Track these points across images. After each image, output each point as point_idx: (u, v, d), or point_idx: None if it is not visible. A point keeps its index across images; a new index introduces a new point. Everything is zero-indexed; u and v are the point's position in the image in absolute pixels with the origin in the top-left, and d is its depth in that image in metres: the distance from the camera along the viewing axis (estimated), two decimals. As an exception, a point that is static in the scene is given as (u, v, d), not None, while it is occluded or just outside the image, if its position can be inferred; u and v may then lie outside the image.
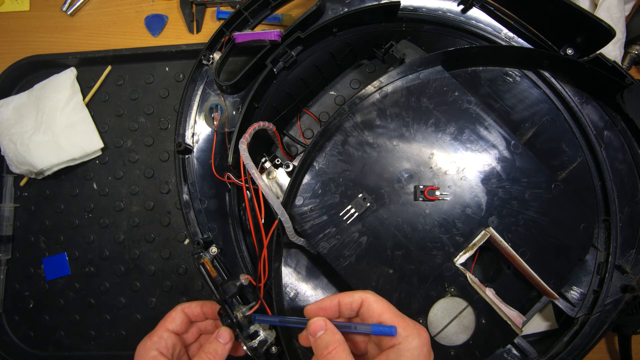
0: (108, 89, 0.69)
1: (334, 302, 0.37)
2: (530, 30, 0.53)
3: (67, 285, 0.67)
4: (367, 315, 0.36)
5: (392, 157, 0.47)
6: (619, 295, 0.49)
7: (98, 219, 0.67)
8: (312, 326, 0.36)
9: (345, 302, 0.37)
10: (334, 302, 0.37)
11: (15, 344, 0.66)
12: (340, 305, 0.37)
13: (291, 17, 0.66)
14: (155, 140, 0.67)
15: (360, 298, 0.36)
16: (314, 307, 0.38)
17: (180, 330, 0.43)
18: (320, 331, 0.35)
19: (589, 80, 0.50)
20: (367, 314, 0.36)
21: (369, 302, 0.36)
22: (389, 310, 0.35)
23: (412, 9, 0.54)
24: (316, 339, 0.35)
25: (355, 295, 0.36)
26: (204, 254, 0.47)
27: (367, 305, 0.36)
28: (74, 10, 0.71)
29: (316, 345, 0.35)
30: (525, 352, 0.49)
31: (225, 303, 0.43)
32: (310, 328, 0.36)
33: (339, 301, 0.37)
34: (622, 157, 0.51)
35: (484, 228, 0.46)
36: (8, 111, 0.66)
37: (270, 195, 0.42)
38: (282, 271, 0.53)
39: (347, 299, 0.37)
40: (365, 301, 0.36)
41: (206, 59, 0.54)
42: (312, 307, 0.38)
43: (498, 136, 0.47)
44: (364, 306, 0.36)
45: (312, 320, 0.36)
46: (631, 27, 0.59)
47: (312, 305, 0.38)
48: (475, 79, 0.53)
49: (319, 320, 0.36)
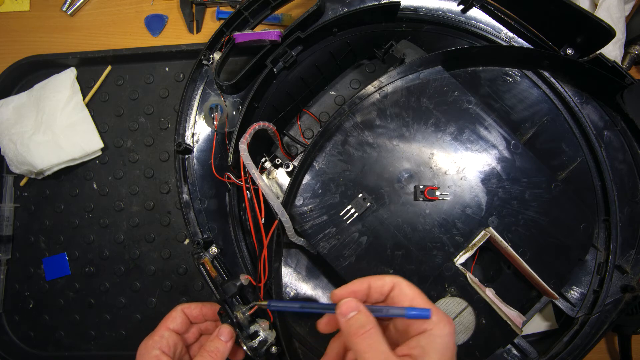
0: (108, 89, 0.69)
1: (364, 286, 0.36)
2: (530, 30, 0.53)
3: (67, 285, 0.67)
4: (398, 299, 0.35)
5: (392, 157, 0.47)
6: (619, 295, 0.49)
7: (98, 219, 0.67)
8: (343, 307, 0.34)
9: (376, 286, 0.35)
10: (364, 285, 0.36)
11: (15, 344, 0.66)
12: (370, 289, 0.36)
13: (291, 17, 0.66)
14: (155, 140, 0.67)
15: (392, 282, 0.35)
16: (343, 292, 0.36)
17: (181, 329, 0.43)
18: (352, 312, 0.34)
19: (589, 80, 0.50)
20: (398, 298, 0.35)
21: (401, 286, 0.35)
22: (421, 296, 0.34)
23: (412, 9, 0.54)
24: (348, 320, 0.34)
25: (386, 279, 0.35)
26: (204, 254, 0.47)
27: (398, 289, 0.35)
28: (74, 10, 0.71)
29: (348, 325, 0.33)
30: (525, 352, 0.49)
31: (225, 303, 0.43)
32: (341, 308, 0.34)
33: (369, 284, 0.35)
34: (622, 157, 0.51)
35: (484, 228, 0.46)
36: (8, 111, 0.66)
37: (270, 195, 0.42)
38: (282, 271, 0.53)
39: (378, 282, 0.35)
40: (397, 285, 0.35)
41: (206, 59, 0.54)
42: (340, 291, 0.36)
43: (498, 136, 0.47)
44: (395, 290, 0.35)
45: (344, 301, 0.34)
46: (631, 27, 0.59)
47: (342, 290, 0.36)
48: (475, 79, 0.53)
49: (351, 301, 0.34)
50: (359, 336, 0.32)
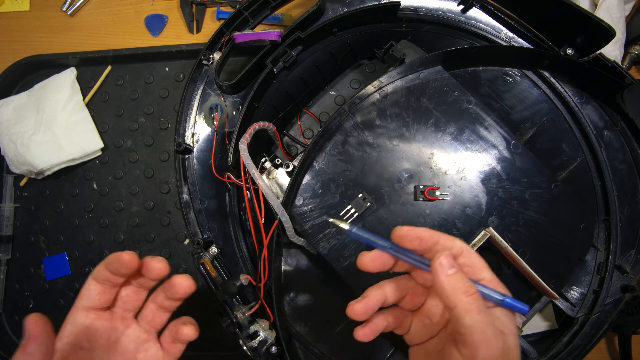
0: (108, 89, 0.69)
1: (434, 239, 0.32)
2: (530, 30, 0.53)
3: (67, 285, 0.67)
4: (466, 268, 0.32)
5: (392, 157, 0.47)
6: (619, 295, 0.49)
7: (98, 219, 0.67)
8: (444, 260, 0.31)
9: (445, 245, 0.32)
10: (434, 238, 0.32)
11: (16, 344, 0.66)
12: (437, 245, 0.32)
13: (291, 17, 0.66)
14: (155, 140, 0.67)
15: (462, 248, 0.32)
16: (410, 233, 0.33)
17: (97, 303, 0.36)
18: (453, 268, 0.30)
19: (589, 80, 0.50)
20: (466, 267, 0.32)
21: (471, 255, 0.32)
22: (488, 268, 0.32)
23: (412, 9, 0.54)
24: (451, 275, 0.30)
25: (457, 242, 0.32)
26: (204, 254, 0.47)
27: (468, 256, 0.32)
28: (74, 10, 0.71)
29: (454, 281, 0.30)
30: (525, 352, 0.49)
31: (225, 303, 0.43)
32: (443, 262, 0.30)
33: (438, 240, 0.32)
34: (622, 157, 0.50)
35: (484, 228, 0.46)
36: (8, 111, 0.66)
37: (270, 195, 0.42)
38: (282, 271, 0.53)
39: (449, 242, 0.32)
40: (467, 252, 0.32)
41: (206, 59, 0.54)
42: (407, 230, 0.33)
43: (498, 136, 0.47)
44: (464, 256, 0.32)
45: (444, 254, 0.31)
46: (631, 27, 0.59)
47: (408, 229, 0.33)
48: (475, 79, 0.53)
49: (450, 256, 0.31)
50: (469, 295, 0.29)
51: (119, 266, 0.35)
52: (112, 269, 0.35)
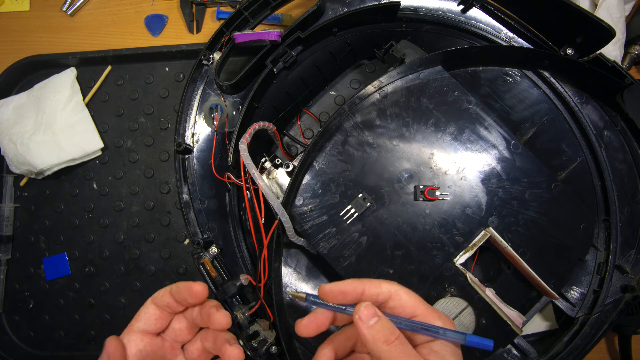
0: (108, 89, 0.69)
1: (357, 290, 0.33)
2: (530, 30, 0.53)
3: (67, 285, 0.67)
4: (399, 310, 0.32)
5: (392, 157, 0.47)
6: (619, 295, 0.49)
7: (98, 219, 0.67)
8: (364, 311, 0.31)
9: (371, 293, 0.32)
10: (357, 289, 0.33)
11: (15, 344, 0.66)
12: (363, 295, 0.33)
13: (291, 17, 0.66)
14: (155, 140, 0.67)
15: (389, 291, 0.32)
16: (333, 288, 0.33)
17: (152, 328, 0.36)
18: (374, 318, 0.31)
19: (589, 80, 0.50)
20: (398, 308, 0.32)
21: (400, 295, 0.32)
22: (422, 304, 0.32)
23: (412, 9, 0.54)
24: (371, 326, 0.31)
25: (383, 287, 0.32)
26: (204, 254, 0.47)
27: (397, 299, 0.32)
28: (74, 10, 0.71)
29: (374, 332, 0.31)
30: (525, 352, 0.49)
31: (225, 303, 0.43)
32: (362, 313, 0.31)
33: (363, 290, 0.33)
34: (622, 157, 0.50)
35: (484, 228, 0.46)
36: (8, 111, 0.66)
37: (270, 195, 0.42)
38: (282, 271, 0.53)
39: (374, 289, 0.32)
40: (395, 295, 0.32)
41: (206, 59, 0.54)
42: (330, 287, 0.33)
43: (498, 136, 0.47)
44: (393, 300, 0.32)
45: (363, 305, 0.31)
46: (631, 27, 0.59)
47: (331, 286, 0.33)
48: (475, 79, 0.53)
49: (370, 306, 0.31)
50: (390, 344, 0.30)
51: (187, 296, 0.35)
52: (178, 298, 0.35)
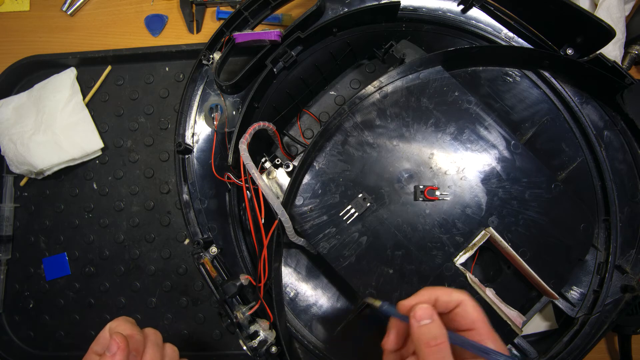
0: (108, 89, 0.69)
1: (431, 298, 0.35)
2: (530, 30, 0.53)
3: (67, 285, 0.67)
4: (460, 318, 0.34)
5: (392, 157, 0.47)
6: (619, 295, 0.49)
7: (98, 219, 0.67)
8: (419, 312, 0.33)
9: (443, 300, 0.34)
10: (431, 297, 0.35)
11: (15, 344, 0.66)
12: (437, 302, 0.35)
13: (291, 17, 0.66)
14: (155, 140, 0.67)
15: (459, 300, 0.34)
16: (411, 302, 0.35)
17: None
18: (426, 320, 0.33)
19: (589, 80, 0.50)
20: (459, 317, 0.34)
21: (466, 305, 0.34)
22: (484, 321, 0.33)
23: (412, 9, 0.54)
24: (421, 327, 0.33)
25: (453, 295, 0.34)
26: (204, 254, 0.47)
27: (463, 308, 0.34)
28: (74, 10, 0.71)
29: (420, 332, 0.33)
30: (525, 352, 0.49)
31: (225, 303, 0.43)
32: (417, 313, 0.33)
33: (436, 298, 0.35)
34: (622, 157, 0.50)
35: (484, 228, 0.46)
36: (8, 111, 0.66)
37: (270, 195, 0.42)
38: (282, 271, 0.53)
39: (445, 297, 0.34)
40: (463, 304, 0.34)
41: (206, 59, 0.54)
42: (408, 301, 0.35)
43: (498, 136, 0.47)
44: (460, 308, 0.34)
45: (420, 306, 0.33)
46: (631, 27, 0.59)
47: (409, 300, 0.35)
48: (475, 79, 0.53)
49: (428, 308, 0.33)
50: (430, 347, 0.32)
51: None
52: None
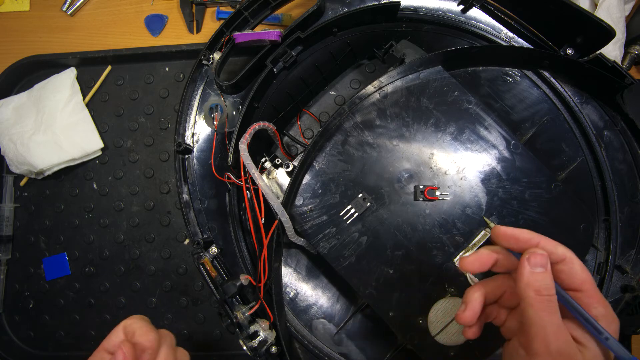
0: (108, 89, 0.69)
1: (532, 241, 0.31)
2: (530, 30, 0.53)
3: (67, 285, 0.67)
4: (565, 276, 0.30)
5: (392, 157, 0.47)
6: (619, 295, 0.49)
7: (98, 219, 0.67)
8: (534, 256, 0.30)
9: (547, 248, 0.30)
10: (533, 241, 0.31)
11: (15, 344, 0.66)
12: (538, 246, 0.31)
13: (291, 17, 0.66)
14: (155, 140, 0.67)
15: (565, 254, 0.30)
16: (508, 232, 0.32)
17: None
18: (541, 267, 0.29)
19: (589, 80, 0.50)
20: (565, 274, 0.30)
21: (573, 262, 0.30)
22: (591, 282, 0.30)
23: (412, 9, 0.54)
24: (535, 273, 0.29)
25: (559, 249, 0.30)
26: (204, 254, 0.47)
27: (570, 265, 0.30)
28: (74, 10, 0.71)
29: (534, 279, 0.29)
30: (525, 352, 0.49)
31: (225, 303, 0.43)
32: (532, 257, 0.30)
33: (539, 242, 0.31)
34: (622, 157, 0.50)
35: (484, 228, 0.46)
36: (8, 111, 0.66)
37: (270, 195, 0.42)
38: (282, 271, 0.53)
39: (550, 246, 0.30)
40: (569, 261, 0.30)
41: (206, 59, 0.54)
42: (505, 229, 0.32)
43: (498, 136, 0.47)
44: (565, 264, 0.30)
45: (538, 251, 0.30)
46: (631, 27, 0.59)
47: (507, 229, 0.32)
48: (475, 79, 0.53)
49: (544, 255, 0.30)
50: (542, 295, 0.29)
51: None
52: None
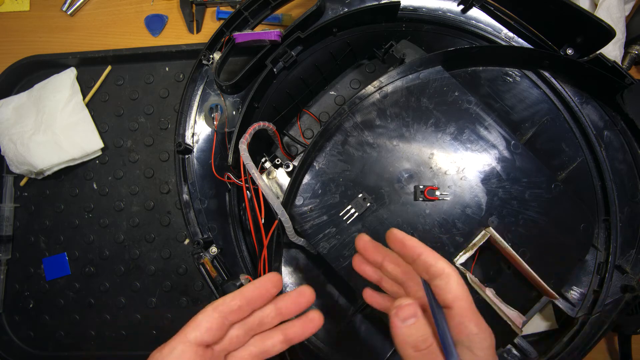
0: (108, 89, 0.69)
1: (416, 251, 0.31)
2: (530, 30, 0.53)
3: (67, 285, 0.67)
4: (440, 292, 0.29)
5: (392, 157, 0.47)
6: (619, 295, 0.49)
7: (98, 219, 0.67)
8: (403, 310, 0.29)
9: (426, 261, 0.30)
10: (416, 250, 0.31)
11: (15, 344, 0.66)
12: (418, 259, 0.30)
13: (291, 17, 0.66)
14: (155, 140, 0.67)
15: (443, 270, 0.29)
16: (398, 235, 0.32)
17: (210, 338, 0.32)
18: (412, 319, 0.29)
19: (589, 80, 0.50)
20: (440, 290, 0.29)
21: (450, 280, 0.29)
22: (468, 302, 0.29)
23: (412, 9, 0.54)
24: (406, 327, 0.29)
25: (439, 263, 0.30)
26: (204, 254, 0.47)
27: (446, 281, 0.29)
28: (74, 10, 0.71)
29: (406, 335, 0.29)
30: (525, 352, 0.49)
31: (225, 303, 0.43)
32: (401, 311, 0.29)
33: (420, 255, 0.30)
34: (622, 157, 0.50)
35: (484, 228, 0.46)
36: (8, 111, 0.66)
37: (270, 195, 0.42)
38: (282, 271, 0.53)
39: (430, 259, 0.30)
40: (447, 276, 0.29)
41: (206, 59, 0.54)
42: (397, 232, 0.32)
43: (498, 136, 0.47)
44: (441, 280, 0.29)
45: (405, 303, 0.29)
46: (631, 27, 0.59)
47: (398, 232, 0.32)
48: (475, 79, 0.53)
49: (414, 305, 0.29)
50: (420, 350, 0.28)
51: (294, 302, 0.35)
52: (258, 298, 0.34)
